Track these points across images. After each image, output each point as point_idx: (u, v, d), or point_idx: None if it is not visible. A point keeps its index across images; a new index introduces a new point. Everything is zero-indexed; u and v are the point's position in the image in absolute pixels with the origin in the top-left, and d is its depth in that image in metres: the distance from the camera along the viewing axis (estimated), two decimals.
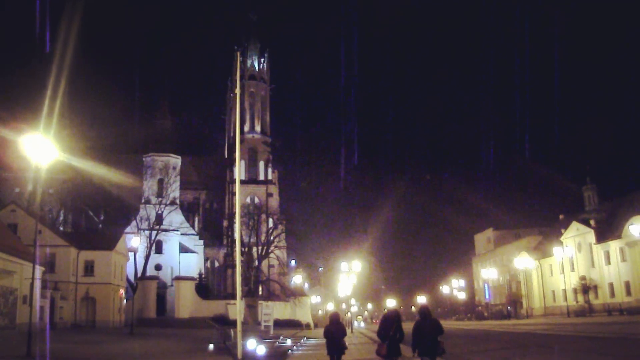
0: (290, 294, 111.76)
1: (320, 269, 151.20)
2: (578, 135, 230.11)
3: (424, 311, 20.50)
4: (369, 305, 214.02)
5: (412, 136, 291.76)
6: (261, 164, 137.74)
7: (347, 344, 23.62)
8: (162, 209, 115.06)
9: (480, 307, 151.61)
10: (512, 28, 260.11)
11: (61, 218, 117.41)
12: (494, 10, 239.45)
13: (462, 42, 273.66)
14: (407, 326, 20.82)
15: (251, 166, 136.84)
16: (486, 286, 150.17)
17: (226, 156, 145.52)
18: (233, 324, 54.87)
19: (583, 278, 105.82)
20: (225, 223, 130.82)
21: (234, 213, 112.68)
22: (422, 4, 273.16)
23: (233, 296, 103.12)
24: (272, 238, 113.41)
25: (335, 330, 22.90)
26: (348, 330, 69.81)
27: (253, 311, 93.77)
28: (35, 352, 34.55)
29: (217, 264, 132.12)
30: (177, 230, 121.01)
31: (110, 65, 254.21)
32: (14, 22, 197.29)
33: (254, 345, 36.99)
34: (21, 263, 64.92)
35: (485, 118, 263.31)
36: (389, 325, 21.00)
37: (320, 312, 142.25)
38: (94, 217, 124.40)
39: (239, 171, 36.33)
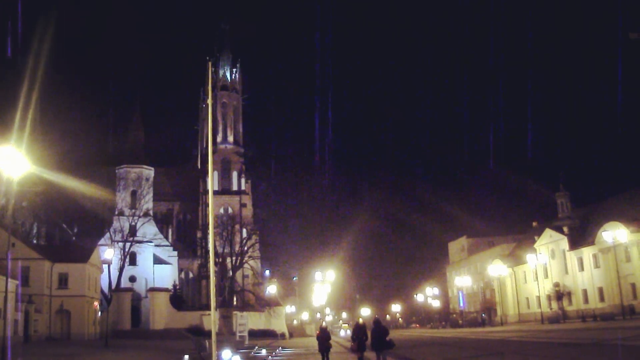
0: (264, 304, 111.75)
1: (294, 278, 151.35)
2: (551, 142, 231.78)
3: (376, 321, 32.04)
4: (344, 314, 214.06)
5: (386, 145, 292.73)
6: (234, 175, 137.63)
7: (331, 344, 35.48)
8: (136, 221, 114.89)
9: (454, 315, 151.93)
10: (484, 35, 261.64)
11: (34, 231, 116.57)
12: (467, 16, 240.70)
13: (436, 50, 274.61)
14: None
15: (224, 177, 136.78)
16: (460, 294, 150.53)
17: (199, 167, 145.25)
18: (208, 334, 54.82)
19: (557, 285, 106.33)
20: (199, 234, 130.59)
21: (208, 224, 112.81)
22: (397, 12, 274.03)
23: (208, 307, 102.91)
24: (245, 248, 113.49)
25: (323, 336, 35.05)
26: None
27: (228, 321, 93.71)
28: None
29: (191, 275, 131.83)
30: (151, 242, 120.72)
31: (83, 77, 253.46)
32: None
33: (229, 355, 36.99)
34: None
35: (459, 126, 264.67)
36: (359, 331, 33.05)
37: (295, 321, 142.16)
38: (68, 230, 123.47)
39: (212, 182, 36.40)
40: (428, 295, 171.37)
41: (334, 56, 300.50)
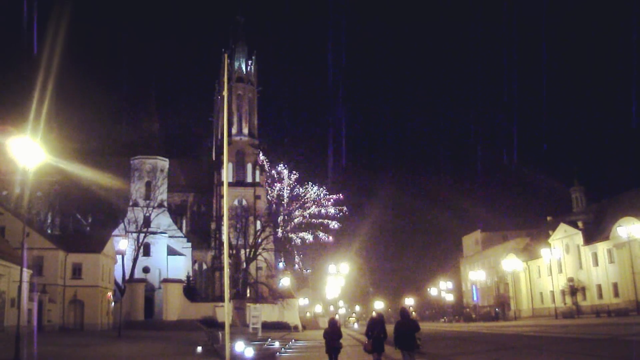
0: (278, 296, 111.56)
1: (308, 270, 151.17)
2: (566, 137, 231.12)
3: (403, 312, 24.66)
4: (357, 307, 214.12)
5: (400, 138, 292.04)
6: (249, 167, 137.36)
7: (342, 344, 27.41)
8: (150, 212, 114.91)
9: (468, 309, 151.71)
10: (500, 30, 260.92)
11: (49, 221, 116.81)
12: (482, 12, 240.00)
13: (451, 44, 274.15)
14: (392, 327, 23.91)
15: (239, 169, 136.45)
16: (474, 288, 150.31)
17: (214, 158, 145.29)
18: (221, 326, 54.77)
19: (571, 280, 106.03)
20: (213, 225, 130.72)
21: (222, 215, 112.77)
22: (411, 7, 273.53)
23: (221, 298, 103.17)
24: (259, 240, 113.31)
25: (332, 333, 26.87)
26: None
27: (241, 313, 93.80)
28: (23, 354, 34.45)
29: (205, 267, 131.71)
30: (165, 233, 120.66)
31: (98, 67, 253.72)
32: (1, 25, 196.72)
33: (242, 347, 37.02)
34: (9, 266, 64.82)
35: (474, 120, 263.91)
36: (374, 327, 26.33)
37: (308, 314, 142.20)
38: (82, 220, 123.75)
39: (227, 174, 36.24)
40: (442, 289, 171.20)
41: (347, 48, 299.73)
